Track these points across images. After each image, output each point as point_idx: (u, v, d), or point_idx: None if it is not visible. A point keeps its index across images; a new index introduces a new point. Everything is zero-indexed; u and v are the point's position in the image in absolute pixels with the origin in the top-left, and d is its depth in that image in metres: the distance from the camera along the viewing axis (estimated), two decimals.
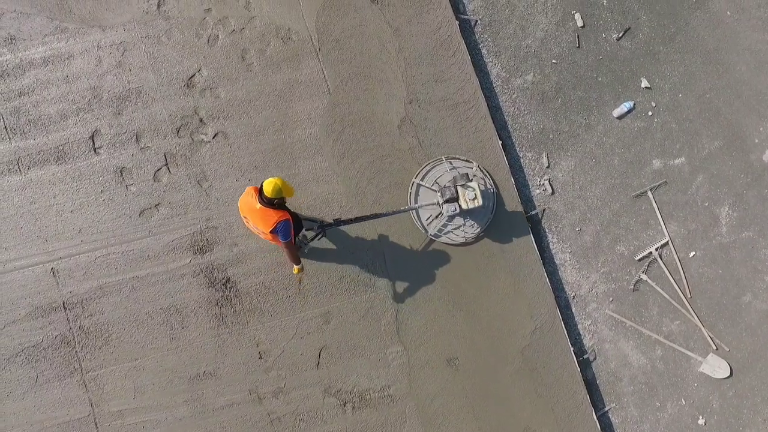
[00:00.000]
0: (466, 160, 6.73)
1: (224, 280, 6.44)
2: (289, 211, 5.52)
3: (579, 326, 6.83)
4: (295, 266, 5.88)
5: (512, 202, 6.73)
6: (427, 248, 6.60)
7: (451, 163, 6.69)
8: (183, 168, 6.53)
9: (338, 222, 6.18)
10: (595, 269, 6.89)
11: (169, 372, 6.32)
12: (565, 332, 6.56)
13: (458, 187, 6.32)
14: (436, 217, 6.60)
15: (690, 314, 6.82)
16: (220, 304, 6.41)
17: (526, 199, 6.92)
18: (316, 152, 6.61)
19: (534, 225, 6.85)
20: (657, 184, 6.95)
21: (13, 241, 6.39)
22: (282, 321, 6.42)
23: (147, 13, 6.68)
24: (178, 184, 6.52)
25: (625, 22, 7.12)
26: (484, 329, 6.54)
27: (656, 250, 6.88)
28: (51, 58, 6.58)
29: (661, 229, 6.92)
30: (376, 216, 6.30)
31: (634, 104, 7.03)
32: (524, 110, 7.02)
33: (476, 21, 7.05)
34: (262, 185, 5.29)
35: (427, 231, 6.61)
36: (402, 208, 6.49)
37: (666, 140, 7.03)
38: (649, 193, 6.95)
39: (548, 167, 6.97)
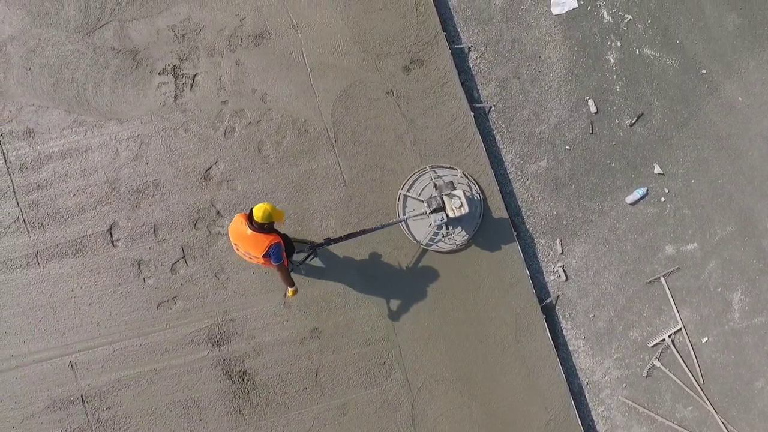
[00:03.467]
0: (450, 167, 6.77)
1: (241, 373, 6.48)
2: (279, 233, 5.57)
3: (592, 412, 6.87)
4: (289, 289, 5.94)
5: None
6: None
7: (435, 172, 6.72)
8: (200, 260, 6.58)
9: (329, 241, 6.25)
10: (608, 355, 6.93)
11: None
12: (580, 424, 6.61)
13: (444, 197, 6.36)
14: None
15: (703, 400, 6.86)
16: (237, 396, 6.45)
17: (540, 286, 6.96)
18: None
19: (548, 312, 6.89)
20: (670, 270, 6.99)
21: (32, 335, 6.44)
22: (299, 413, 6.47)
23: (164, 105, 6.73)
24: (196, 276, 6.56)
25: (638, 108, 7.16)
26: (499, 421, 6.58)
27: (669, 336, 6.92)
28: (69, 151, 6.63)
29: (674, 315, 6.96)
30: (365, 232, 6.36)
31: (647, 190, 7.06)
32: (538, 196, 7.06)
33: (490, 108, 7.09)
34: (251, 211, 5.35)
35: (418, 241, 6.66)
36: (391, 221, 6.52)
37: (679, 226, 7.07)
38: (662, 279, 6.99)
39: (562, 254, 7.01)
